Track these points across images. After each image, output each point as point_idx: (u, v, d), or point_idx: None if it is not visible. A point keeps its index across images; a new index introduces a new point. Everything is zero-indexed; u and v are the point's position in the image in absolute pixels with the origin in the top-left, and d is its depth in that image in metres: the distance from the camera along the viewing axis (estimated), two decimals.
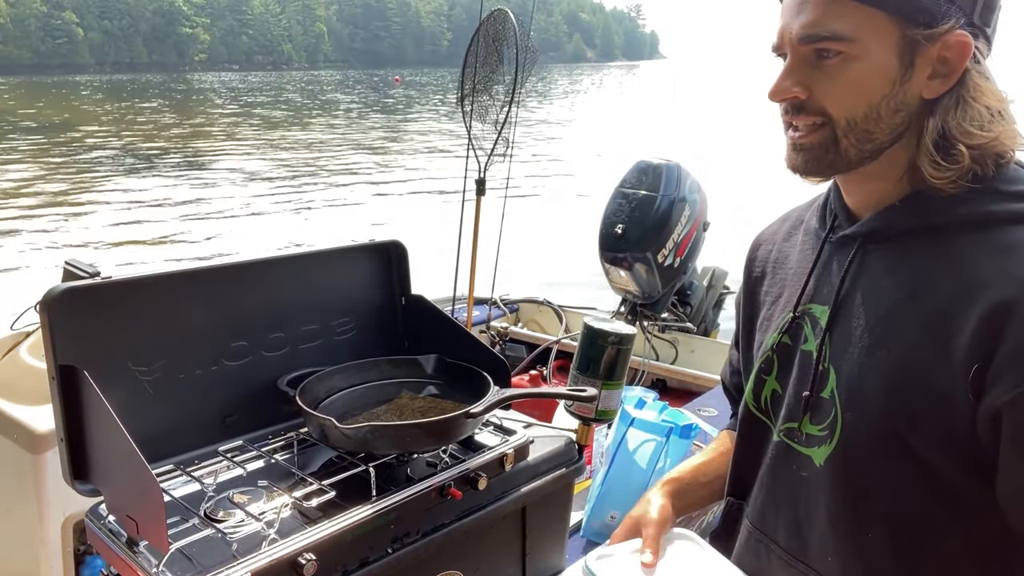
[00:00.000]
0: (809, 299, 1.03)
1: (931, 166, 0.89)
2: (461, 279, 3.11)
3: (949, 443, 0.86)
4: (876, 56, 0.88)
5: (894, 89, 0.89)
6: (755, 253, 1.21)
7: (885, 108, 0.90)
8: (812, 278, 1.04)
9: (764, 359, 1.09)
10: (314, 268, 1.35)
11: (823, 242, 1.04)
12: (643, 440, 1.74)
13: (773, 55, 0.97)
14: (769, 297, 1.14)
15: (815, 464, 0.97)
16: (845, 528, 0.94)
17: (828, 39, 0.89)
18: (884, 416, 0.90)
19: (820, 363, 0.98)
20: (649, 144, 13.09)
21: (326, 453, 1.22)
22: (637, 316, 3.12)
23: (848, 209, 1.02)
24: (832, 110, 0.91)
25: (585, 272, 3.81)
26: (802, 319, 1.03)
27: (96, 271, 1.71)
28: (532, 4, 3.36)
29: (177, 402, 1.18)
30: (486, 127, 2.96)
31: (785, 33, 0.93)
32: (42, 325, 1.02)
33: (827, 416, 0.96)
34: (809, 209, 1.14)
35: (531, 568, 1.33)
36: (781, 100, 0.95)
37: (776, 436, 1.05)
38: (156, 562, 0.96)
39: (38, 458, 1.61)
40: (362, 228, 9.48)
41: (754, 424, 1.10)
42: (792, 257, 1.12)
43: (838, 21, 0.88)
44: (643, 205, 2.91)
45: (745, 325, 1.20)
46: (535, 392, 1.77)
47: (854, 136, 0.91)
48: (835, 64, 0.90)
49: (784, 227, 1.18)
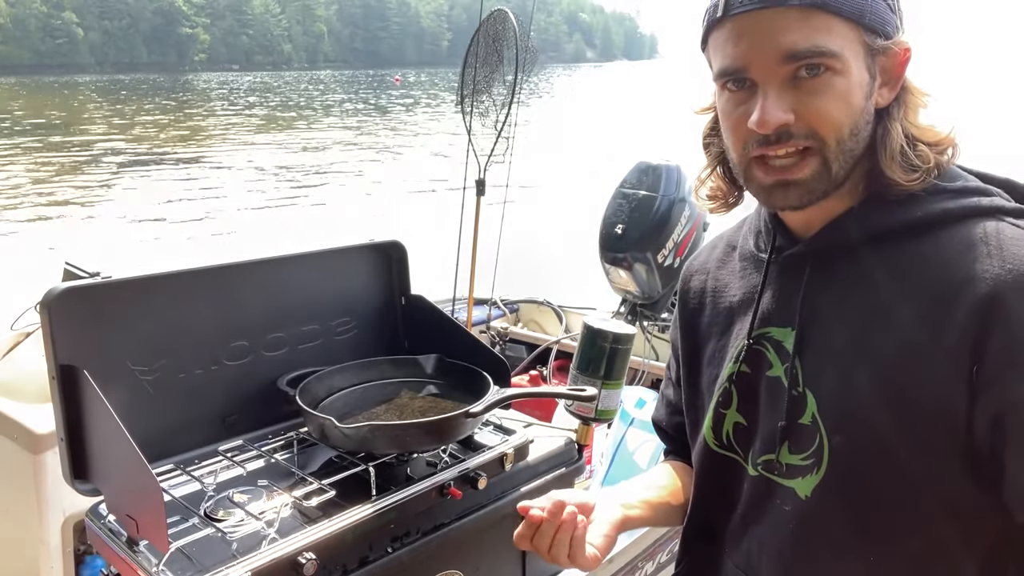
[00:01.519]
0: (764, 323, 0.98)
1: (902, 169, 0.88)
2: (461, 279, 3.11)
3: (947, 450, 0.83)
4: (854, 70, 0.86)
5: (866, 102, 0.88)
6: (688, 284, 1.14)
7: (862, 122, 0.88)
8: (762, 302, 0.98)
9: (721, 392, 1.02)
10: (314, 268, 1.35)
11: (768, 264, 0.98)
12: (643, 440, 1.74)
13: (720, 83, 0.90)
14: (715, 328, 1.07)
15: (799, 496, 0.92)
16: (846, 556, 0.90)
17: (819, 54, 0.83)
18: (876, 434, 0.85)
19: (793, 388, 0.92)
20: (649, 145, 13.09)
21: (326, 453, 1.22)
22: (637, 316, 3.12)
23: (786, 227, 0.98)
24: (823, 131, 0.86)
25: (585, 272, 3.81)
26: (760, 345, 0.97)
27: (96, 271, 1.71)
28: (532, 4, 3.36)
29: (177, 402, 1.18)
30: (486, 127, 2.96)
31: (754, 55, 0.85)
32: (42, 325, 1.02)
33: (810, 443, 0.90)
34: (739, 232, 1.09)
35: (531, 568, 1.33)
36: (772, 129, 0.86)
37: (752, 470, 0.98)
38: (156, 561, 0.96)
39: (38, 458, 1.61)
40: (362, 228, 9.48)
41: (718, 462, 1.03)
42: (732, 284, 1.06)
43: (823, 35, 0.84)
44: (643, 205, 2.91)
45: (687, 360, 1.12)
46: (535, 392, 1.77)
47: (843, 156, 0.87)
48: (822, 81, 0.85)
49: (715, 254, 1.12)
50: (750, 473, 0.99)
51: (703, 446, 1.05)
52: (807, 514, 0.92)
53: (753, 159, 0.90)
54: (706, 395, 1.06)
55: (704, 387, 1.08)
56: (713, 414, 1.03)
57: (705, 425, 1.04)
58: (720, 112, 0.93)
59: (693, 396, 1.10)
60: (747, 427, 1.00)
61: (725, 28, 0.88)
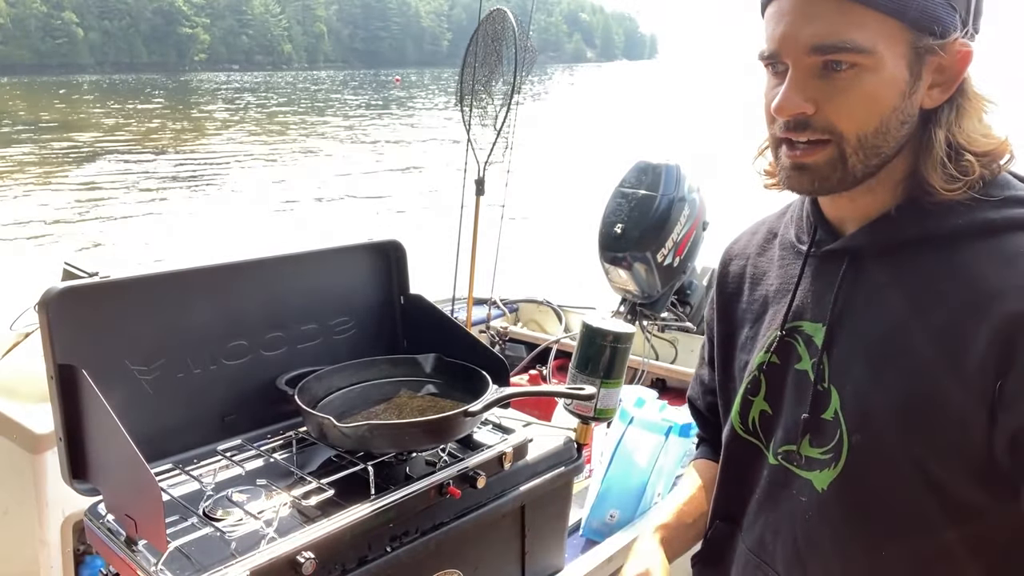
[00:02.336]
0: (798, 316, 0.98)
1: (943, 178, 0.86)
2: (461, 279, 3.11)
3: (963, 460, 0.83)
4: (889, 68, 0.84)
5: (903, 102, 0.86)
6: (727, 268, 1.16)
7: (893, 121, 0.86)
8: (798, 294, 0.99)
9: (751, 379, 1.04)
10: (313, 268, 1.35)
11: (806, 256, 0.99)
12: (642, 439, 1.74)
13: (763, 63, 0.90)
14: (749, 315, 1.09)
15: (815, 488, 0.93)
16: (855, 552, 0.91)
17: (845, 50, 0.82)
18: (896, 436, 0.86)
19: (819, 383, 0.93)
20: (649, 144, 13.09)
21: (325, 452, 1.22)
22: (637, 316, 3.12)
23: (828, 221, 0.98)
24: (843, 126, 0.86)
25: (585, 272, 3.81)
26: (792, 338, 0.98)
27: (95, 271, 1.71)
28: (532, 4, 3.35)
29: (176, 401, 1.18)
30: (485, 127, 2.96)
31: (788, 40, 0.85)
32: (41, 325, 1.02)
33: (831, 438, 0.92)
34: (781, 220, 1.10)
35: (530, 567, 1.33)
36: (789, 116, 0.87)
37: (772, 459, 1.00)
38: (155, 561, 0.96)
39: (38, 458, 1.60)
40: (361, 227, 9.48)
41: (743, 446, 1.06)
42: (771, 273, 1.07)
43: (856, 30, 0.82)
44: (643, 205, 2.91)
45: (721, 344, 1.14)
46: (534, 390, 1.77)
47: (863, 152, 0.86)
48: (848, 77, 0.84)
49: (756, 240, 1.13)
50: (770, 461, 1.01)
51: (730, 430, 1.07)
52: (822, 507, 0.93)
53: (781, 138, 0.91)
54: (737, 380, 1.08)
55: (736, 372, 1.10)
56: (741, 400, 1.05)
57: (734, 410, 1.07)
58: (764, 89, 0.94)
59: (725, 380, 1.13)
60: (772, 416, 1.01)
61: (774, 4, 0.88)
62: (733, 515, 1.08)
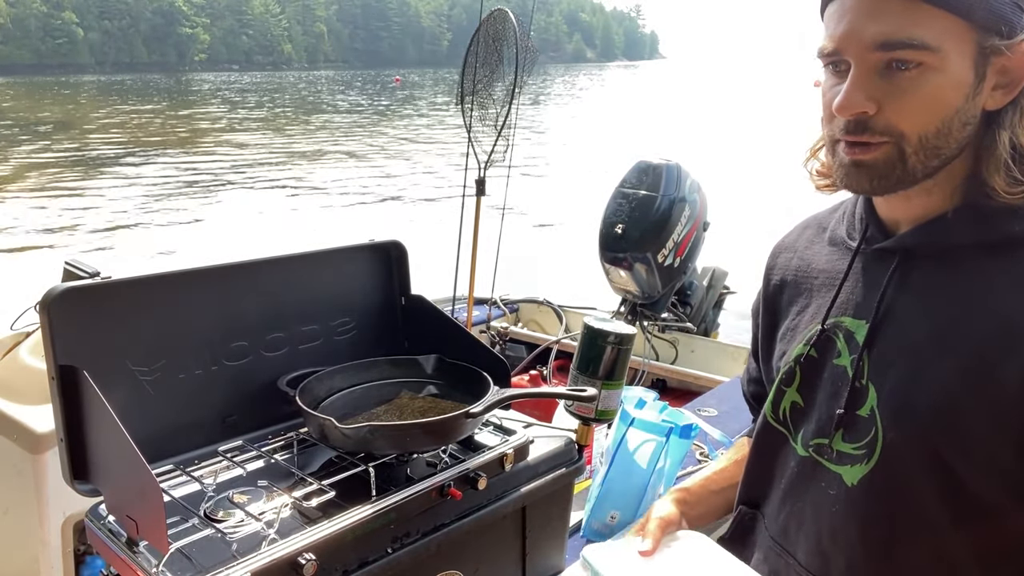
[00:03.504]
0: (841, 312, 0.98)
1: (1006, 181, 0.85)
2: (461, 279, 3.11)
3: (996, 467, 0.83)
4: (955, 68, 0.82)
5: (966, 103, 0.84)
6: (775, 260, 1.16)
7: (956, 123, 0.84)
8: (843, 290, 0.99)
9: (786, 370, 1.04)
10: (314, 268, 1.35)
11: (855, 253, 0.99)
12: (643, 440, 1.74)
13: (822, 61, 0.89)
14: (793, 307, 1.09)
15: (845, 483, 0.94)
16: (877, 549, 0.92)
17: (911, 47, 0.81)
18: (931, 437, 0.86)
19: (857, 379, 0.93)
20: (649, 144, 13.09)
21: (326, 453, 1.22)
22: (637, 316, 3.12)
23: (880, 220, 0.97)
24: (904, 127, 0.84)
25: (585, 272, 3.81)
26: (833, 332, 0.98)
27: (96, 271, 1.71)
28: (532, 4, 3.36)
29: (177, 402, 1.18)
30: (486, 127, 2.96)
31: (851, 37, 0.84)
32: (42, 325, 1.02)
33: (865, 435, 0.92)
34: (832, 216, 1.10)
35: (531, 568, 1.33)
36: (851, 115, 0.85)
37: (802, 450, 1.01)
38: (156, 562, 0.96)
39: (38, 458, 1.60)
40: (362, 228, 9.48)
41: (771, 434, 1.07)
42: (817, 267, 1.07)
43: (923, 28, 0.80)
44: (643, 205, 2.91)
45: (765, 334, 1.15)
46: (535, 392, 1.77)
47: (923, 153, 0.85)
48: (912, 76, 0.82)
49: (805, 235, 1.13)
50: (799, 453, 1.01)
51: (763, 417, 1.09)
52: (849, 502, 0.93)
53: (835, 138, 0.90)
54: (775, 369, 1.09)
55: (775, 361, 1.11)
56: (776, 389, 1.06)
57: (769, 398, 1.08)
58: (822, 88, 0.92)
59: (767, 369, 1.14)
60: (803, 408, 1.02)
61: (837, 2, 0.86)
62: (756, 501, 1.10)
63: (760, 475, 1.09)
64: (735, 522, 1.15)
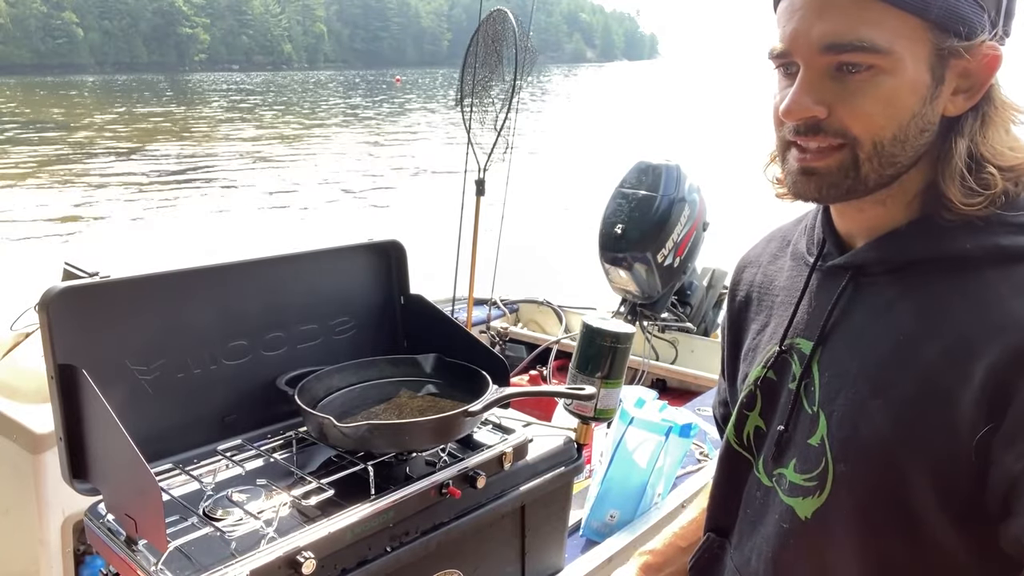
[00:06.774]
0: (797, 332, 0.93)
1: (962, 192, 0.79)
2: (461, 279, 3.11)
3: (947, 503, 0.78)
4: (909, 70, 0.77)
5: (923, 107, 0.79)
6: (740, 276, 1.10)
7: (912, 129, 0.79)
8: (800, 309, 0.93)
9: (747, 393, 0.99)
10: (313, 268, 1.35)
11: (811, 269, 0.93)
12: (643, 439, 1.74)
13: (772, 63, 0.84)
14: (754, 325, 1.04)
15: (799, 516, 0.88)
16: None
17: (860, 50, 0.76)
18: (881, 471, 0.81)
19: (809, 406, 0.88)
20: (649, 144, 13.09)
21: (325, 452, 1.22)
22: (637, 316, 3.12)
23: (837, 234, 0.92)
24: (857, 130, 0.79)
25: (585, 272, 3.81)
26: (789, 354, 0.93)
27: (95, 271, 1.71)
28: (532, 4, 3.36)
29: (176, 401, 1.18)
30: (486, 127, 2.97)
31: (799, 39, 0.79)
32: (41, 325, 1.02)
33: (816, 466, 0.86)
34: (796, 228, 1.04)
35: (530, 567, 1.33)
36: (798, 119, 0.80)
37: (764, 479, 0.96)
38: (155, 560, 0.96)
39: (38, 458, 1.60)
40: (361, 228, 9.48)
41: (735, 460, 1.01)
42: (778, 283, 1.01)
43: (873, 28, 0.76)
44: (643, 205, 2.92)
45: (731, 354, 1.10)
46: (534, 390, 1.77)
47: (878, 160, 0.80)
48: (864, 79, 0.77)
49: (769, 248, 1.08)
50: (763, 481, 0.96)
51: (726, 442, 1.03)
52: (805, 536, 0.88)
53: (790, 142, 0.84)
54: (738, 391, 1.04)
55: (738, 383, 1.05)
56: (737, 414, 1.01)
57: (730, 422, 1.02)
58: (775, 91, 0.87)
59: (732, 392, 1.09)
60: (764, 433, 0.97)
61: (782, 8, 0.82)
62: (723, 529, 1.05)
63: (725, 503, 1.04)
64: (702, 549, 1.09)
